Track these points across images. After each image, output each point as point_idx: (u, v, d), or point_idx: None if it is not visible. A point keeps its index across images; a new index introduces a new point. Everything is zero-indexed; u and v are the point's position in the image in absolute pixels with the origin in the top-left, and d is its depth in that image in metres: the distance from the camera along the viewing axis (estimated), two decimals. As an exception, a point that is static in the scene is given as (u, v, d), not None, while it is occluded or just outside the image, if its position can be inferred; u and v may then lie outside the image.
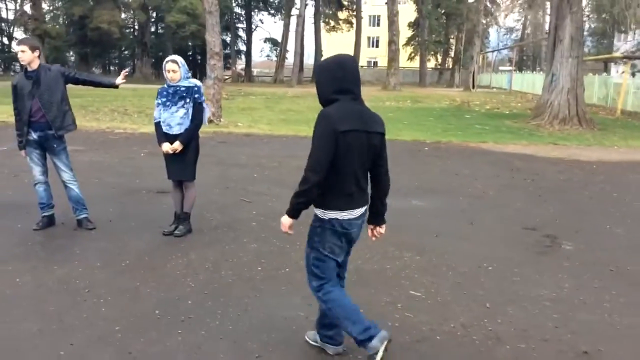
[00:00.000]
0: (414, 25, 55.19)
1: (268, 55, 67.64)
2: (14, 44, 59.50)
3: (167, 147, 5.29)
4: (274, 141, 12.56)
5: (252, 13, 62.63)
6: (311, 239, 3.08)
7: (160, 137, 5.37)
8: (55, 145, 5.41)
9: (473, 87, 41.57)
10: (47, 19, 42.52)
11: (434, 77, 59.34)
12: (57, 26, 42.75)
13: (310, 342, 3.40)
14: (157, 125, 5.39)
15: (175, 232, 5.45)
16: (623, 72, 36.73)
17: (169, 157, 5.38)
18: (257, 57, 71.59)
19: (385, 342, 2.93)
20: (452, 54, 63.26)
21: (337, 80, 2.91)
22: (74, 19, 41.37)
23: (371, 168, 3.04)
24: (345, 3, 57.88)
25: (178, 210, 5.57)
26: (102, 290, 4.10)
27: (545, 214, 6.68)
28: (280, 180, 8.17)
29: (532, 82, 39.71)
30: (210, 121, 15.07)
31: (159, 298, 3.99)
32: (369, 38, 71.96)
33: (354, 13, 56.29)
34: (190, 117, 5.27)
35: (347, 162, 2.86)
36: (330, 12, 57.50)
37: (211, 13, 14.56)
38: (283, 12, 56.44)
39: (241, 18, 65.28)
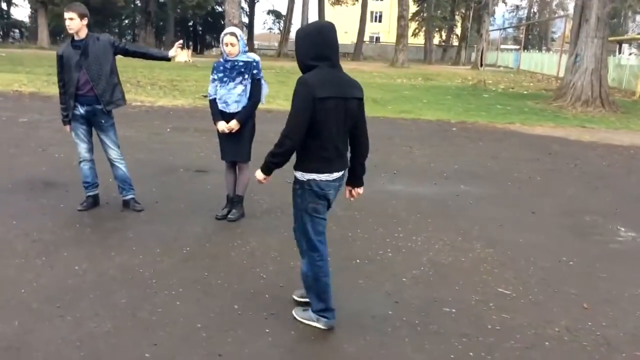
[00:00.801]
0: (419, 0, 54.22)
1: (270, 28, 66.66)
2: (13, 9, 58.54)
3: (222, 125, 4.97)
4: (297, 118, 12.19)
5: (255, -16, 61.34)
6: (295, 202, 3.23)
7: (215, 115, 5.04)
8: (103, 121, 5.08)
9: (481, 65, 41.00)
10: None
11: (437, 54, 58.52)
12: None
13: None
14: (213, 102, 5.06)
15: (229, 216, 5.16)
16: (631, 54, 36.32)
17: (224, 137, 5.05)
18: (258, 29, 70.60)
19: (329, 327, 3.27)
20: (456, 31, 62.38)
21: (316, 46, 2.97)
22: (77, -15, 40.25)
23: (351, 132, 3.13)
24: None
25: (230, 193, 5.27)
26: (170, 280, 3.82)
27: (602, 202, 6.42)
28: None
29: (540, 61, 39.25)
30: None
31: (234, 291, 3.71)
32: (371, 13, 70.63)
33: (359, -14, 55.08)
34: (247, 95, 4.94)
35: (326, 127, 2.95)
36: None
37: (231, -17, 14.05)
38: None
39: (244, -12, 64.16)
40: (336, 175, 3.12)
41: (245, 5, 64.75)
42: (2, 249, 4.20)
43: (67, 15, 4.81)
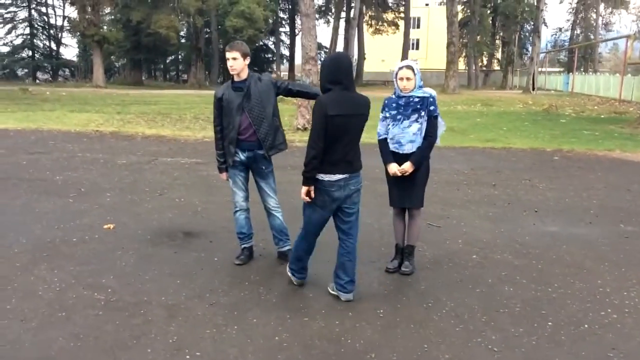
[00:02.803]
0: (461, 26, 53.61)
1: (312, 59, 67.03)
2: (62, 49, 60.35)
3: (395, 168, 4.47)
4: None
5: (296, 17, 61.96)
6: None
7: (386, 157, 4.55)
8: (263, 167, 4.64)
9: (533, 89, 40.06)
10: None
11: (479, 79, 57.48)
12: (114, 31, 42.61)
13: (330, 291, 4.12)
14: (383, 142, 4.58)
15: (403, 269, 4.63)
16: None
17: (395, 180, 4.56)
18: (298, 60, 71.15)
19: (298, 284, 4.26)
20: (498, 55, 61.50)
21: (332, 73, 3.73)
22: (130, 24, 41.17)
23: None
24: (391, 4, 56.87)
25: (400, 243, 4.75)
26: (390, 354, 3.29)
27: None
28: (443, 199, 7.33)
29: (594, 83, 38.02)
30: (305, 128, 14.37)
31: (475, 369, 3.14)
32: (408, 40, 70.57)
33: (400, 15, 55.02)
34: (423, 133, 4.44)
35: (333, 138, 3.67)
36: (375, 14, 56.38)
37: (308, 16, 13.85)
38: (331, 14, 55.75)
39: (283, 22, 65.01)
40: (339, 176, 3.78)
41: (285, 38, 65.75)
42: (184, 315, 3.74)
43: (230, 54, 4.43)
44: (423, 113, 4.42)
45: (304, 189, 3.82)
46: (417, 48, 74.86)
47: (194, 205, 6.67)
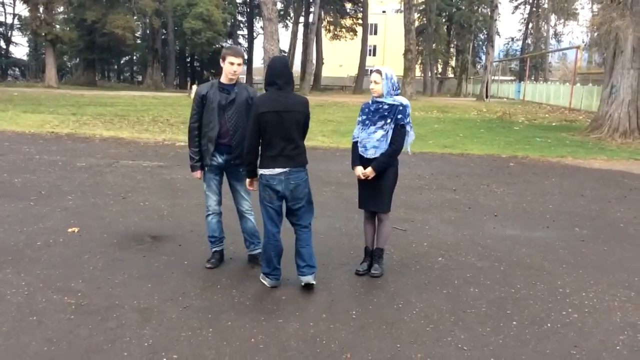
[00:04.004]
0: (417, 33, 54.51)
1: (269, 63, 66.85)
2: (12, 48, 58.26)
3: (359, 171, 4.60)
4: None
5: (254, 20, 61.76)
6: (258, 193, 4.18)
7: (354, 159, 4.69)
8: (241, 170, 4.64)
9: (486, 96, 41.13)
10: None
11: (435, 86, 58.50)
12: (67, 31, 41.42)
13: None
14: (354, 145, 4.72)
15: (372, 271, 4.73)
16: None
17: (362, 184, 4.69)
18: (256, 64, 70.90)
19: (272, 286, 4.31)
20: (452, 63, 62.86)
21: (267, 75, 4.10)
22: (85, 24, 40.11)
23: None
24: (349, 10, 57.33)
25: (370, 246, 4.86)
26: (365, 354, 3.37)
27: None
28: (407, 203, 7.49)
29: (544, 92, 39.29)
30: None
31: (448, 367, 3.25)
32: (365, 46, 71.23)
33: (358, 21, 55.51)
34: (388, 140, 4.55)
35: (268, 134, 4.00)
36: (333, 19, 56.74)
37: (271, 20, 13.92)
38: (289, 19, 55.84)
39: (241, 25, 64.70)
40: (278, 170, 4.03)
41: (243, 41, 65.37)
42: (157, 319, 3.73)
43: (236, 60, 4.46)
44: (389, 120, 4.53)
45: (247, 180, 4.37)
46: (374, 54, 75.74)
47: (160, 209, 6.62)
